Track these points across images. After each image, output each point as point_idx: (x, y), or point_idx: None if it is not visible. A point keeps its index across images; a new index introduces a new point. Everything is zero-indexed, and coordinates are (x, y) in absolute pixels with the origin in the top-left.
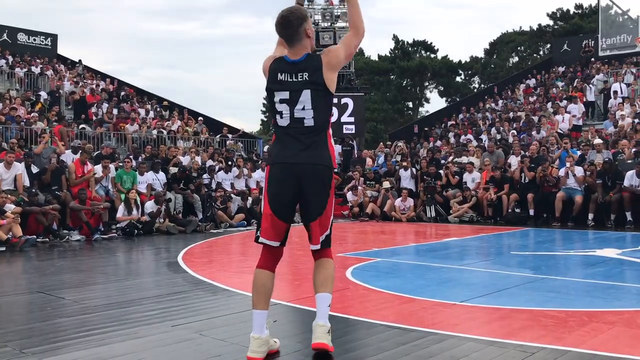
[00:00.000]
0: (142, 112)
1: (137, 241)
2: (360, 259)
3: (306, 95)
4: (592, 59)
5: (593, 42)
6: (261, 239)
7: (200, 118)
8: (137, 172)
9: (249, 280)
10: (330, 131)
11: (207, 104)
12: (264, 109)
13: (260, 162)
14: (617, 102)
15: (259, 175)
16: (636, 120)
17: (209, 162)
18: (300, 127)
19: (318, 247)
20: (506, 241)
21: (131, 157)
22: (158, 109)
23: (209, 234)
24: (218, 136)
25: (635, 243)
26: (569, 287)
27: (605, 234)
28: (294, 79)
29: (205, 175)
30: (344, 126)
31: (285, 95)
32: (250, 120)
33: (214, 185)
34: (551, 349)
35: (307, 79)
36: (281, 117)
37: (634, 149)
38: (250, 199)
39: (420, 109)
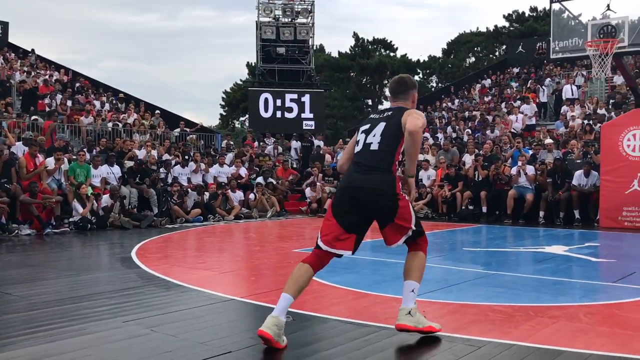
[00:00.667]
0: (97, 104)
1: (90, 236)
2: None
3: (381, 127)
4: (545, 61)
5: (546, 44)
6: (325, 247)
7: (157, 111)
8: (91, 165)
9: (204, 276)
10: (396, 165)
11: (166, 97)
12: (223, 104)
13: (217, 157)
14: (567, 105)
15: (216, 170)
16: (586, 121)
17: (166, 156)
18: (366, 152)
19: (392, 246)
20: (459, 237)
21: (85, 149)
22: (114, 102)
23: (164, 229)
24: (176, 130)
25: (582, 240)
26: (517, 283)
27: (554, 231)
28: (379, 116)
29: (161, 170)
30: (304, 122)
31: (367, 127)
32: (209, 115)
33: (170, 180)
34: (497, 343)
35: (388, 115)
36: (357, 145)
37: (582, 149)
38: (207, 194)
39: (380, 106)
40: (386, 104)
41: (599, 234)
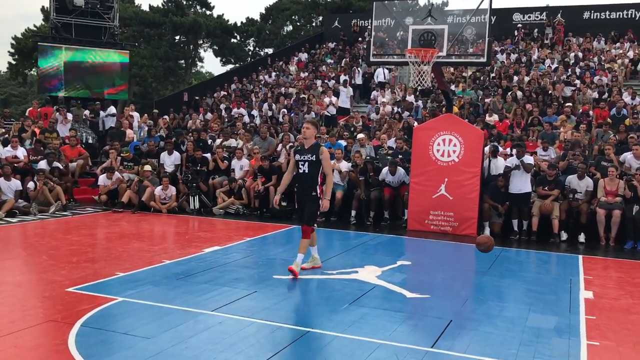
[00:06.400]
0: None
1: None
2: (97, 298)
3: None
4: (359, 39)
5: (362, 22)
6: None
7: None
8: None
9: None
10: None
11: None
12: (12, 51)
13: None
14: (377, 90)
15: None
16: (396, 108)
17: None
18: None
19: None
20: (271, 251)
21: None
22: None
23: None
24: None
25: (393, 255)
26: (334, 354)
27: (365, 237)
28: None
29: None
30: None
31: None
32: None
33: None
34: None
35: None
36: None
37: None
38: None
39: (194, 69)
40: (200, 65)
41: (408, 245)
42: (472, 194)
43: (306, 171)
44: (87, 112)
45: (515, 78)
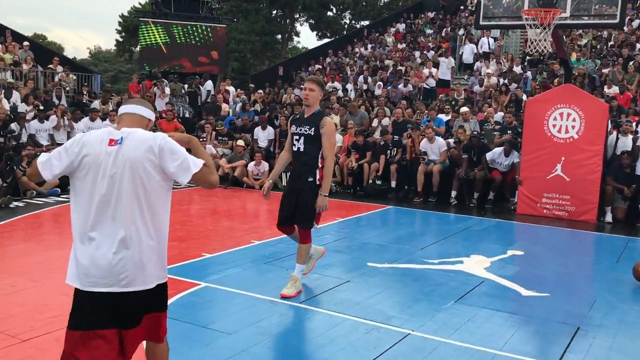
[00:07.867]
0: None
1: None
2: (180, 283)
3: None
4: (462, 7)
5: None
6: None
7: (25, 43)
8: None
9: None
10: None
11: (62, 13)
12: (119, 28)
13: (90, 110)
14: (482, 60)
15: (85, 125)
16: (502, 80)
17: (23, 106)
18: None
19: None
20: (365, 234)
21: None
22: None
23: (9, 212)
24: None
25: (503, 243)
26: None
27: (469, 220)
28: None
29: (13, 125)
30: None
31: None
32: (107, 35)
33: (25, 139)
34: None
35: None
36: None
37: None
38: None
39: (290, 44)
40: (296, 40)
41: (518, 231)
42: (592, 175)
43: (301, 149)
44: (185, 86)
45: (638, 46)
